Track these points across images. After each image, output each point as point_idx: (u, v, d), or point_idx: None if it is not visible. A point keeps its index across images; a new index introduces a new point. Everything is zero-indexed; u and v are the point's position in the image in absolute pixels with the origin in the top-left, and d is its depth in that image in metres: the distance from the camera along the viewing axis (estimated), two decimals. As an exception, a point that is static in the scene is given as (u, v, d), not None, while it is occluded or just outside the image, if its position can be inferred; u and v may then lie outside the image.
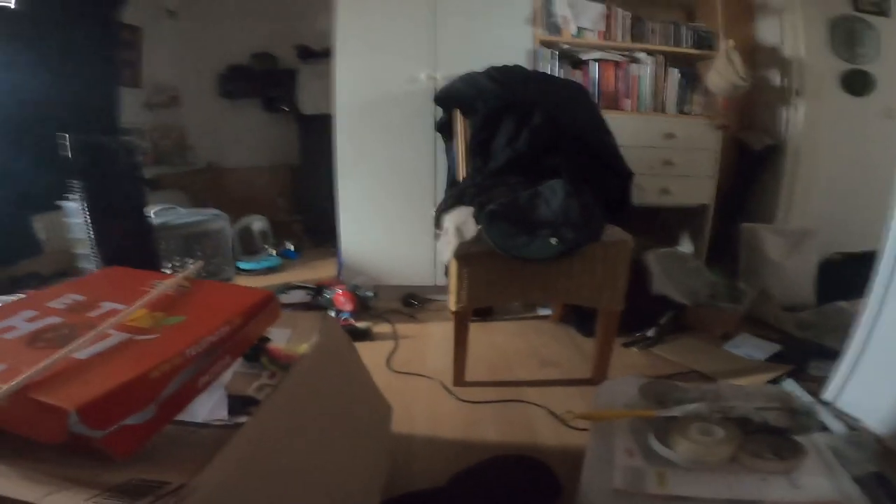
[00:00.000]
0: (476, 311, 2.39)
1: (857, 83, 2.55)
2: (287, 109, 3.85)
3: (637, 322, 2.14)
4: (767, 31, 2.56)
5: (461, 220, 1.72)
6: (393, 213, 2.51)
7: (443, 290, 2.54)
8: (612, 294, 1.68)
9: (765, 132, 2.57)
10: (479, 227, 1.64)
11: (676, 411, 1.12)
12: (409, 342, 2.16)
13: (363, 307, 2.30)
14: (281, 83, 3.82)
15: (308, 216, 3.73)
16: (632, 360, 2.00)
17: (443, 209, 1.87)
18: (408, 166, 2.48)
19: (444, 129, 2.31)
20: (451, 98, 2.21)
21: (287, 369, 0.86)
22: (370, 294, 2.29)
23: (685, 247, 2.59)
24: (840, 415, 1.44)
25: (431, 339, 2.21)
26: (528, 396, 1.71)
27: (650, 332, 2.15)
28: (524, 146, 2.02)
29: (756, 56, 2.54)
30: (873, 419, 1.37)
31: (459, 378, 1.79)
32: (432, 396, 1.73)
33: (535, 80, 2.24)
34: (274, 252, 3.14)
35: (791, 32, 2.48)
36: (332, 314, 2.22)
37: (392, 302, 2.53)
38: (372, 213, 2.51)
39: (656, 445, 1.07)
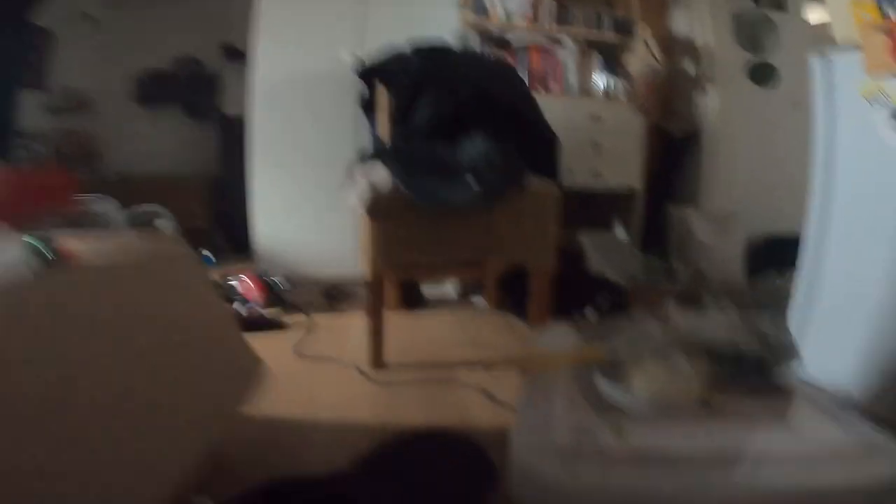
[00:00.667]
0: (405, 299, 2.07)
1: (763, 75, 2.53)
2: (210, 115, 3.47)
3: (575, 305, 1.90)
4: (680, 22, 2.52)
5: (376, 174, 1.42)
6: (313, 199, 2.19)
7: (368, 281, 2.21)
8: (541, 249, 1.43)
9: (684, 120, 2.49)
10: (395, 180, 1.36)
11: (628, 348, 0.85)
12: (325, 331, 1.79)
13: (276, 298, 1.92)
14: (205, 88, 3.46)
15: (228, 224, 3.30)
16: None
17: (357, 163, 1.58)
18: (330, 150, 2.18)
19: (367, 105, 2.04)
20: (375, 71, 1.96)
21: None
22: (282, 281, 1.91)
23: (619, 233, 2.41)
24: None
25: (351, 328, 1.85)
26: (459, 378, 1.38)
27: (587, 313, 1.90)
28: (448, 109, 1.77)
29: (672, 46, 2.49)
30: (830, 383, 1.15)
31: (377, 359, 1.45)
32: (343, 380, 1.38)
33: (462, 56, 2.04)
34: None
35: (700, 24, 2.45)
36: (238, 306, 1.83)
37: (313, 294, 2.16)
38: (290, 199, 2.18)
39: (607, 387, 0.78)
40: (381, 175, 1.42)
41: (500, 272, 1.87)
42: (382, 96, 1.92)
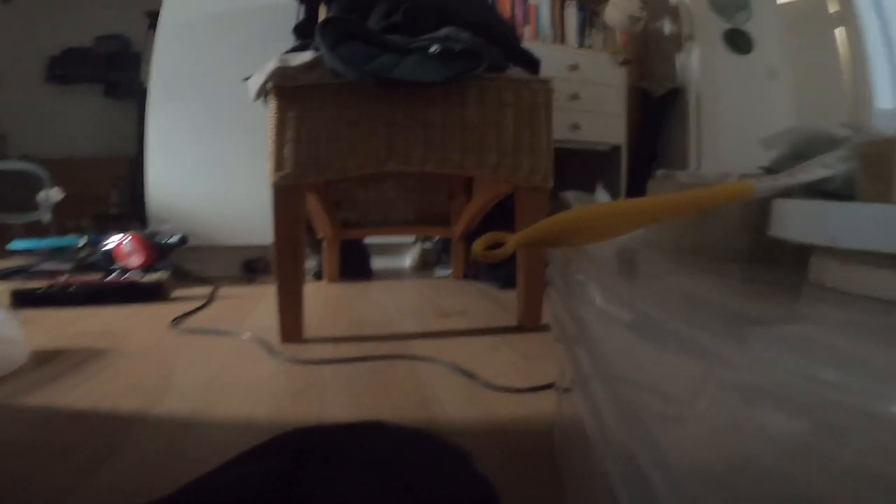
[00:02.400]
0: (349, 271, 1.50)
1: (738, 42, 2.19)
2: (132, 93, 2.79)
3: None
4: (655, -20, 2.16)
5: (290, 54, 0.87)
6: (231, 154, 1.58)
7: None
8: (532, 160, 0.90)
9: (665, 78, 2.10)
10: (323, 51, 0.80)
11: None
12: (228, 303, 1.18)
13: (175, 266, 1.29)
14: (126, 65, 2.79)
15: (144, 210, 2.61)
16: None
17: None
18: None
19: (304, 31, 1.48)
20: None
21: None
22: (173, 240, 1.28)
23: (601, 196, 1.95)
24: None
25: (268, 298, 1.25)
26: (418, 351, 0.82)
27: (581, 279, 1.39)
28: (401, 18, 1.25)
29: (645, 4, 2.11)
30: None
31: (291, 329, 0.86)
32: (233, 360, 0.78)
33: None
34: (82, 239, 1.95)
35: (676, -18, 2.09)
36: (114, 276, 1.19)
37: (232, 267, 1.54)
38: (199, 153, 1.56)
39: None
40: (300, 56, 0.87)
41: (477, 216, 1.33)
42: (324, 15, 1.38)
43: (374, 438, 0.36)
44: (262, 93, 0.81)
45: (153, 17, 2.60)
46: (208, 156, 1.57)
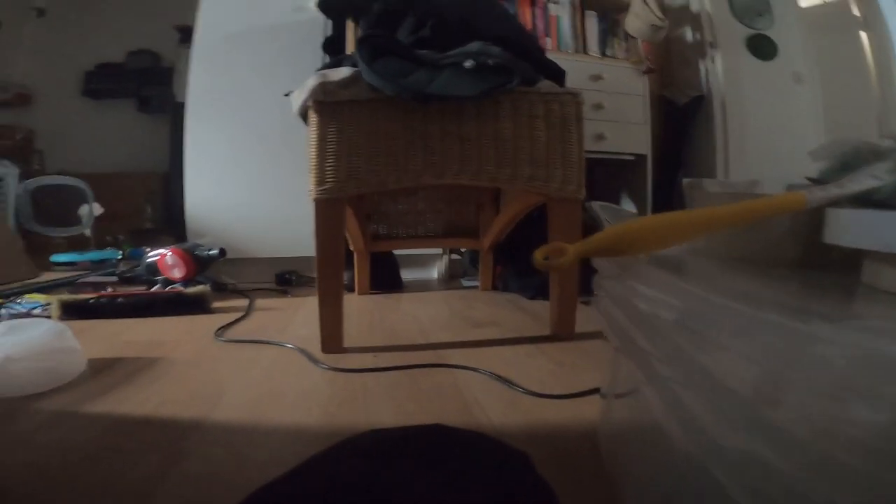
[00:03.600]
0: (380, 283, 1.53)
1: (762, 47, 2.18)
2: (164, 108, 2.91)
3: (590, 279, 1.39)
4: (676, -11, 2.18)
5: (328, 70, 0.91)
6: (267, 167, 1.64)
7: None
8: (564, 172, 0.92)
9: (688, 86, 2.10)
10: (354, 68, 0.85)
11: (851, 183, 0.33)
12: (267, 314, 1.22)
13: (213, 278, 1.35)
14: (159, 80, 2.91)
15: (179, 224, 2.70)
16: (594, 317, 1.21)
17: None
18: (289, 112, 1.65)
19: (332, 47, 1.54)
20: (343, 2, 1.47)
21: None
22: (213, 253, 1.33)
23: (626, 205, 1.95)
24: None
25: (305, 309, 1.29)
26: (454, 360, 0.84)
27: (610, 288, 1.39)
28: (429, 33, 1.29)
29: (665, 14, 2.12)
30: None
31: (333, 340, 0.89)
32: (279, 368, 0.81)
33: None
34: (120, 252, 2.04)
35: (697, -10, 2.10)
36: (157, 288, 1.25)
37: (264, 278, 1.59)
38: (237, 165, 1.62)
39: None
40: (339, 71, 0.91)
41: (507, 227, 1.35)
42: (351, 33, 1.44)
43: (438, 440, 0.38)
44: (304, 108, 0.85)
45: (184, 32, 2.72)
46: (243, 170, 1.63)
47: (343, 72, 0.85)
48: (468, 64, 0.82)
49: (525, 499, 0.33)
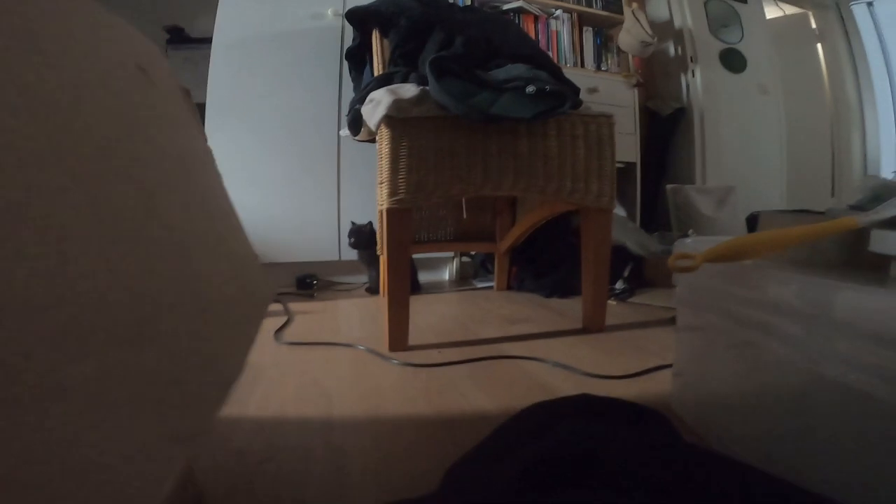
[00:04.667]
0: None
1: (733, 61, 2.45)
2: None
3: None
4: (658, 8, 2.39)
5: (396, 86, 1.01)
6: (284, 172, 1.70)
7: (349, 268, 1.73)
8: (599, 185, 1.07)
9: (670, 98, 2.32)
10: (421, 87, 0.95)
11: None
12: (308, 317, 1.30)
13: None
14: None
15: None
16: (615, 311, 1.37)
17: (362, 95, 1.15)
18: (306, 116, 1.72)
19: (355, 56, 1.62)
20: (369, 14, 1.55)
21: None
22: (247, 258, 1.40)
23: (617, 210, 2.14)
24: None
25: (341, 311, 1.38)
26: (507, 352, 0.96)
27: (618, 286, 1.56)
28: (461, 49, 1.40)
29: (652, 27, 2.34)
30: None
31: (399, 339, 0.99)
32: (359, 367, 0.91)
33: (462, 6, 1.70)
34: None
35: (678, 8, 2.33)
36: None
37: (283, 282, 1.65)
38: (254, 171, 1.67)
39: None
40: (401, 85, 1.02)
41: (526, 233, 1.48)
42: (376, 42, 1.53)
43: (600, 406, 0.50)
44: (378, 124, 0.94)
45: (173, 33, 2.69)
46: (261, 174, 1.67)
47: (411, 89, 0.96)
48: (530, 90, 0.94)
49: (679, 440, 0.46)
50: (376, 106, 0.95)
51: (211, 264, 0.34)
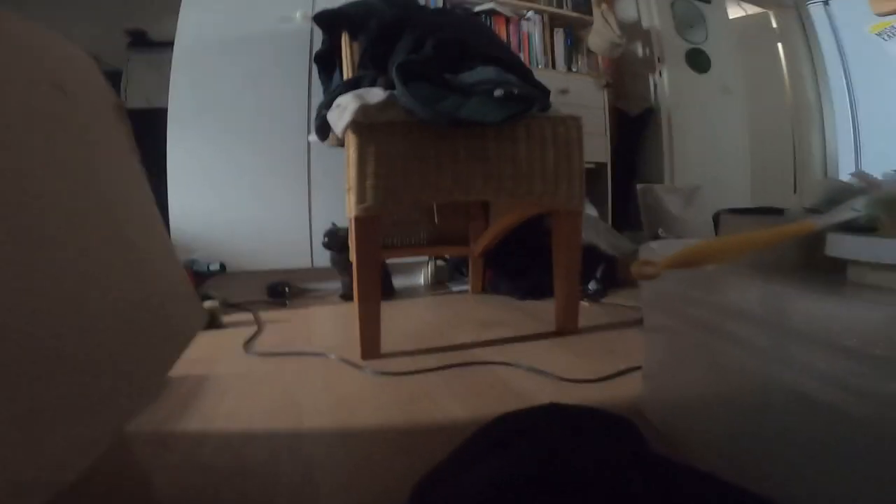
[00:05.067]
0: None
1: (698, 61, 2.50)
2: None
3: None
4: (627, 9, 2.43)
5: (363, 91, 1.00)
6: (253, 178, 1.65)
7: (322, 275, 1.70)
8: (569, 187, 1.07)
9: (639, 98, 2.36)
10: (399, 92, 0.94)
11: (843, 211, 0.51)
12: (279, 327, 1.27)
13: (203, 293, 1.36)
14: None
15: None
16: (588, 312, 1.38)
17: (329, 100, 1.13)
18: (274, 121, 1.67)
19: (324, 60, 1.59)
20: (338, 17, 1.51)
21: None
22: (214, 268, 1.35)
23: (589, 210, 2.17)
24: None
25: (314, 320, 1.35)
26: (481, 358, 0.96)
27: (590, 287, 1.58)
28: (431, 52, 1.39)
29: (621, 28, 2.38)
30: None
31: (371, 348, 0.98)
32: (331, 377, 0.89)
33: (433, 8, 1.69)
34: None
35: (646, 9, 2.37)
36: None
37: (254, 291, 1.61)
38: (220, 178, 1.62)
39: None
40: (368, 90, 1.00)
41: (497, 237, 1.49)
42: (346, 46, 1.50)
43: (562, 415, 0.50)
44: (345, 130, 0.93)
45: (135, 36, 2.60)
46: (227, 180, 1.63)
47: (378, 94, 0.94)
48: (498, 93, 0.94)
49: (644, 449, 0.46)
50: (342, 111, 0.94)
51: (106, 315, 0.31)
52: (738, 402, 0.47)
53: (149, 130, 2.06)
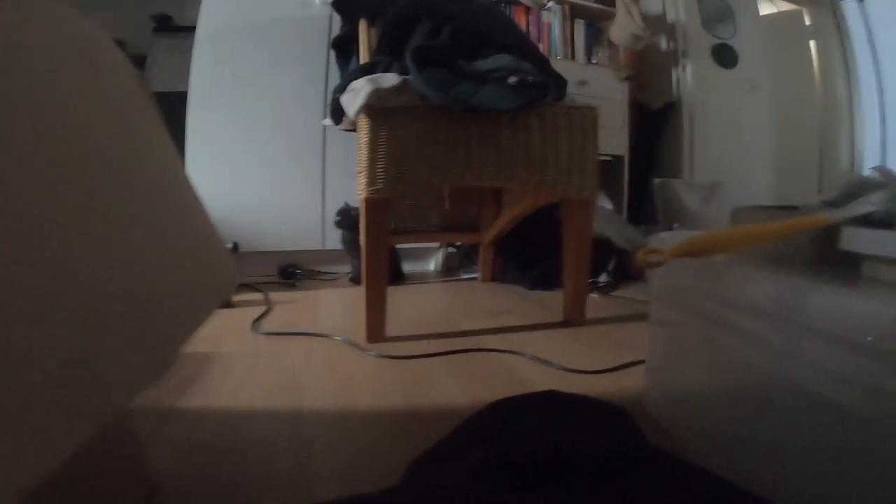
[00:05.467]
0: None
1: (725, 56, 2.43)
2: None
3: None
4: (652, 1, 2.37)
5: (377, 75, 0.99)
6: (269, 160, 1.67)
7: (334, 256, 1.72)
8: (581, 177, 1.05)
9: (661, 92, 2.31)
10: (413, 76, 0.93)
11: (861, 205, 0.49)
12: (288, 307, 1.28)
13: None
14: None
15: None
16: (598, 304, 1.37)
17: (344, 84, 1.13)
18: (292, 105, 1.68)
19: (342, 45, 1.58)
20: (356, 2, 1.50)
21: None
22: (229, 246, 1.37)
23: (604, 203, 2.14)
24: None
25: (322, 301, 1.37)
26: (487, 345, 0.96)
27: (601, 279, 1.56)
28: (447, 39, 1.37)
29: (645, 21, 2.32)
30: None
31: (376, 330, 0.98)
32: (335, 358, 0.90)
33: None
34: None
35: (671, 2, 2.31)
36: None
37: (265, 271, 1.63)
38: (238, 159, 1.64)
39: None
40: (382, 75, 0.99)
41: (510, 224, 1.47)
42: (363, 32, 1.49)
43: (565, 402, 0.49)
44: (358, 113, 0.92)
45: (160, 21, 2.63)
46: (245, 163, 1.64)
47: (392, 79, 0.94)
48: (512, 80, 0.93)
49: (640, 441, 0.46)
50: (356, 95, 0.93)
51: (154, 253, 0.32)
52: (741, 398, 0.46)
53: (171, 114, 2.08)
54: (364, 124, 0.91)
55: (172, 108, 1.97)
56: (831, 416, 0.38)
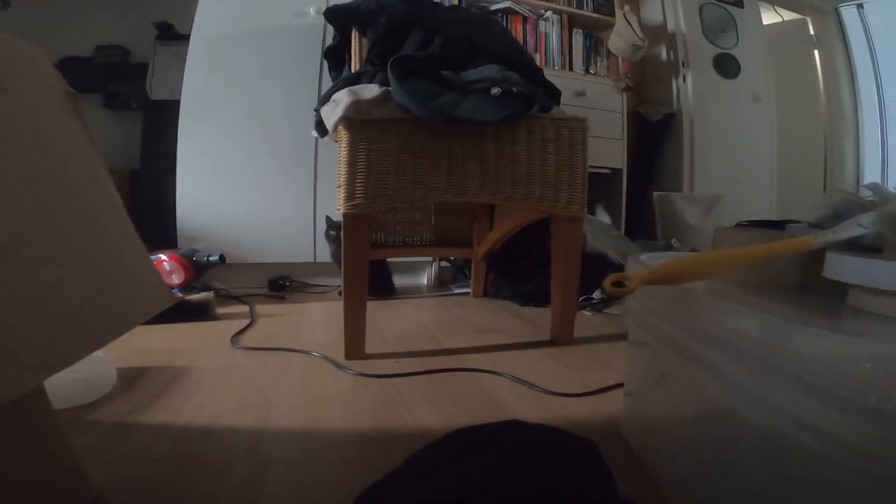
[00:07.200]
0: (374, 289, 1.58)
1: (726, 66, 2.40)
2: (134, 104, 2.80)
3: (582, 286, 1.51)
4: (652, 11, 2.35)
5: (358, 87, 0.97)
6: (260, 171, 1.66)
7: (324, 270, 1.69)
8: (570, 192, 1.02)
9: (660, 103, 2.28)
10: (394, 87, 0.91)
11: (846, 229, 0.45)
12: (272, 321, 1.26)
13: (204, 283, 1.36)
14: (129, 76, 2.80)
15: (148, 224, 2.60)
16: (590, 322, 1.33)
17: (326, 95, 1.11)
18: (284, 115, 1.68)
19: (335, 55, 1.58)
20: (348, 12, 1.50)
21: None
22: (214, 259, 1.35)
23: (601, 216, 2.10)
24: None
25: (307, 316, 1.34)
26: (469, 364, 0.92)
27: (595, 295, 1.52)
28: (438, 49, 1.36)
29: (644, 34, 2.30)
30: None
31: (355, 347, 0.95)
32: (310, 375, 0.87)
33: (447, 5, 1.66)
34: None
35: (672, 12, 2.29)
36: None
37: (255, 283, 1.61)
38: (228, 169, 1.63)
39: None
40: (364, 86, 0.98)
41: (501, 240, 1.45)
42: (355, 42, 1.49)
43: (522, 434, 0.46)
44: (336, 125, 0.91)
45: (162, 29, 2.65)
46: (236, 174, 1.64)
47: (373, 90, 0.92)
48: (495, 91, 0.90)
49: (605, 480, 0.42)
50: (335, 107, 0.92)
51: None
52: (708, 433, 0.43)
53: (170, 122, 2.09)
54: (343, 137, 0.89)
55: (171, 116, 1.97)
56: (803, 463, 0.35)
